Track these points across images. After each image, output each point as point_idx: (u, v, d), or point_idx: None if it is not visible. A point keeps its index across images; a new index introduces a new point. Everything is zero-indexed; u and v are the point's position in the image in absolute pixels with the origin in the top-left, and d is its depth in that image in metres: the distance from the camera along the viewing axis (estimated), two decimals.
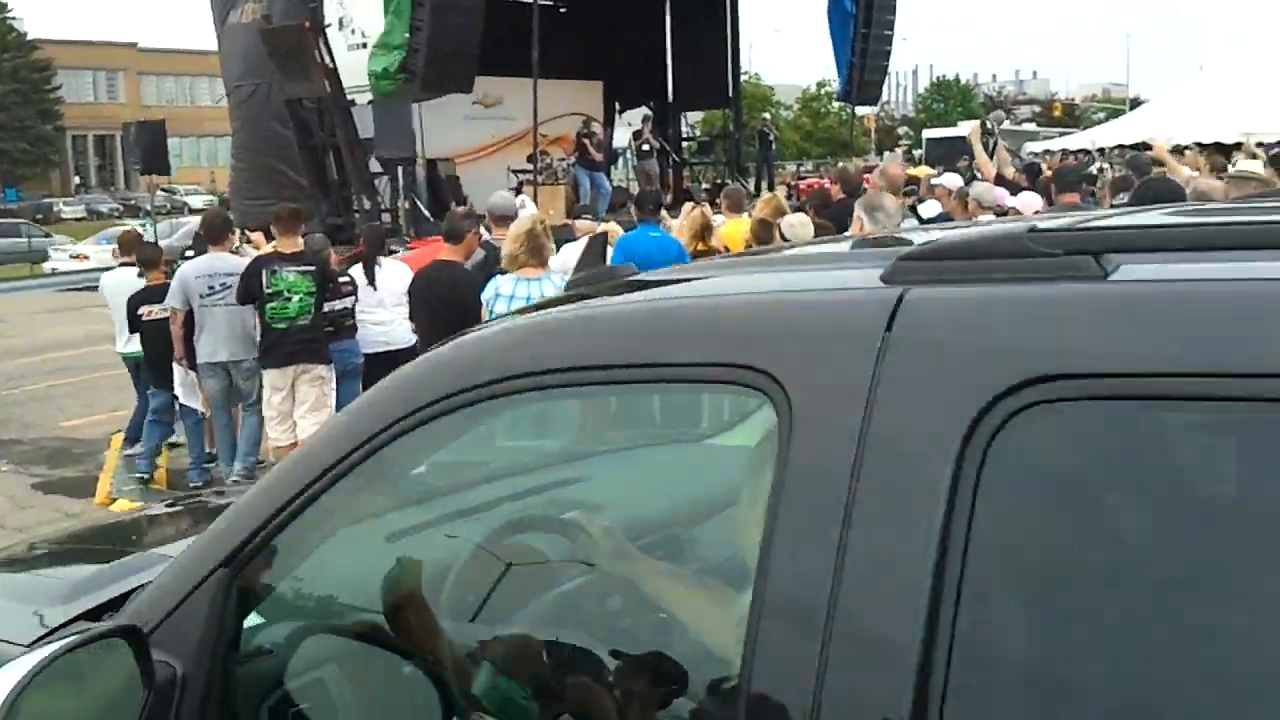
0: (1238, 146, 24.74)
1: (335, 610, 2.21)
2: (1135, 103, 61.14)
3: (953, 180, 11.63)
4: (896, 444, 1.38)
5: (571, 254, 8.98)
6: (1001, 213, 9.51)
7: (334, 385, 8.49)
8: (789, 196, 20.49)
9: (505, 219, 7.93)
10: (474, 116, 23.00)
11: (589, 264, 7.42)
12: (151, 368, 9.51)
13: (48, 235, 40.05)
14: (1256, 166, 10.18)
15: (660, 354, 1.69)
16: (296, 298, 8.17)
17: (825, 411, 1.44)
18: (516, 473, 2.86)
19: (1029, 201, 9.69)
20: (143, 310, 9.34)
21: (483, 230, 8.06)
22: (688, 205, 11.67)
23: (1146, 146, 25.57)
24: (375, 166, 18.64)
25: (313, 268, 8.40)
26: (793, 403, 1.46)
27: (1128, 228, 1.68)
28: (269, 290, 8.19)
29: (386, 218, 18.29)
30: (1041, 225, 1.59)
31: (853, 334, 1.48)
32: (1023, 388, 1.31)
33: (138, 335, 9.48)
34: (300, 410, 8.30)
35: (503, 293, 6.45)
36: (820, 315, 1.59)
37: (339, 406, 8.68)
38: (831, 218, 9.06)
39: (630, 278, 2.16)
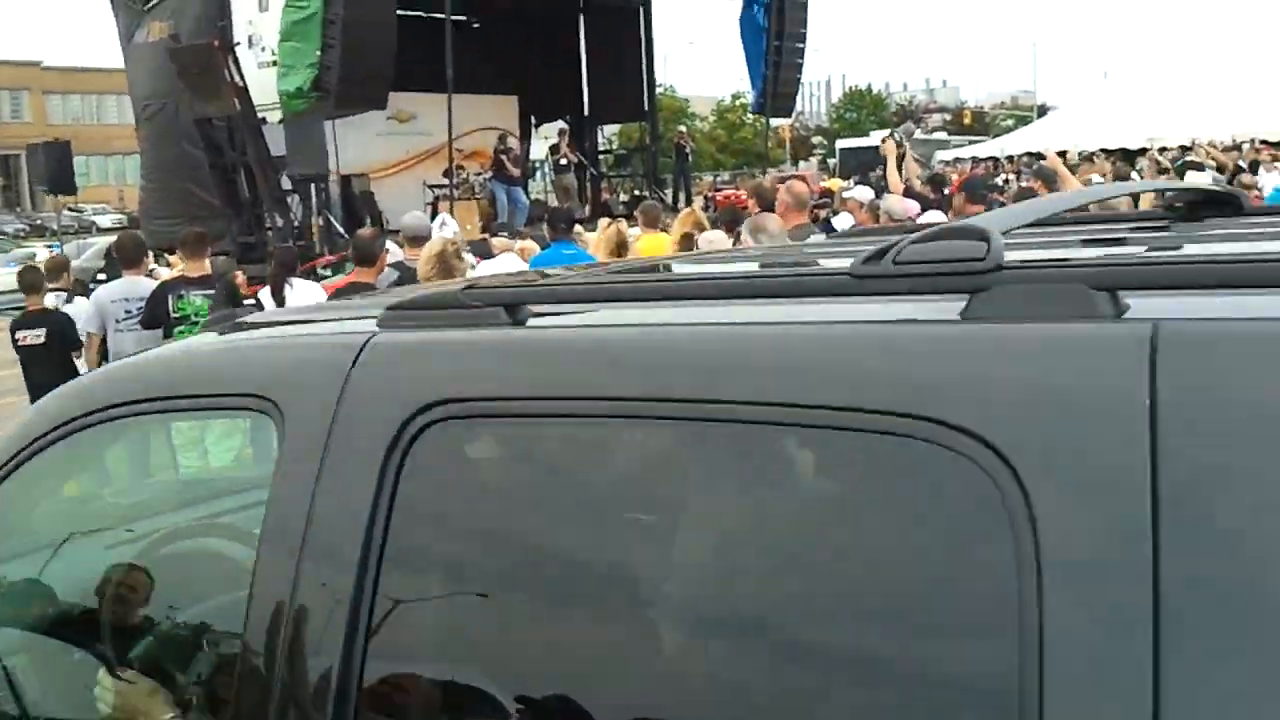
0: (1142, 152, 25.45)
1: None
2: (1043, 110, 62.46)
3: (864, 193, 11.76)
4: (346, 450, 1.80)
5: (488, 271, 8.94)
6: (913, 224, 9.67)
7: None
8: (707, 208, 20.61)
9: (418, 239, 7.87)
10: (388, 132, 22.85)
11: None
12: (34, 394, 9.28)
13: None
14: (1205, 179, 10.43)
15: (199, 387, 2.20)
16: (203, 322, 8.03)
17: (306, 428, 1.86)
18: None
19: (933, 218, 9.88)
20: (19, 335, 9.09)
21: (393, 248, 7.97)
22: (603, 221, 11.66)
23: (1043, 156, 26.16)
24: (287, 184, 18.42)
25: (220, 290, 8.27)
26: (286, 421, 1.89)
27: (549, 286, 2.21)
28: (175, 315, 8.03)
29: (303, 235, 18.12)
30: (480, 284, 2.17)
31: (329, 367, 1.89)
32: (432, 406, 1.73)
33: None
34: (212, 436, 8.15)
35: None
36: (312, 354, 2.06)
37: None
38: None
39: (233, 321, 2.62)
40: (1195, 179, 11.31)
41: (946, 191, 12.57)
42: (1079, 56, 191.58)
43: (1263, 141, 25.85)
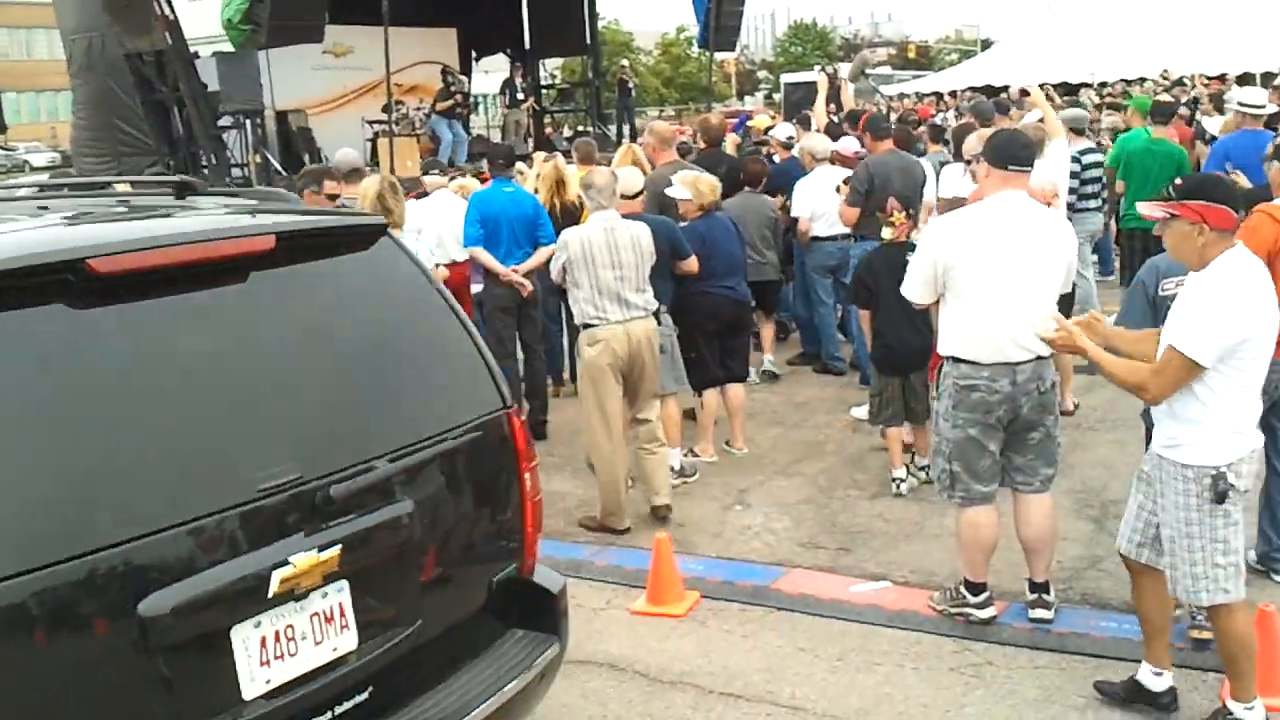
0: (1084, 86, 25.54)
1: None
2: (986, 44, 62.44)
3: (783, 131, 11.71)
4: None
5: (423, 212, 8.83)
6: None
7: None
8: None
9: (357, 173, 7.73)
10: (325, 67, 22.37)
11: None
12: None
13: None
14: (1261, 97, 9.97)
15: None
16: None
17: None
18: None
19: (848, 144, 9.91)
20: None
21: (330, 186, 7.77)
22: (539, 156, 11.51)
23: (997, 91, 26.12)
24: (223, 121, 18.04)
25: None
26: None
27: None
28: None
29: (237, 173, 17.78)
30: None
31: None
32: None
33: None
34: None
35: None
36: None
37: None
38: (697, 165, 9.01)
39: None
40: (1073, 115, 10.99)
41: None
42: None
43: (1206, 77, 26.03)
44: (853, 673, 4.84)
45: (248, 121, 18.00)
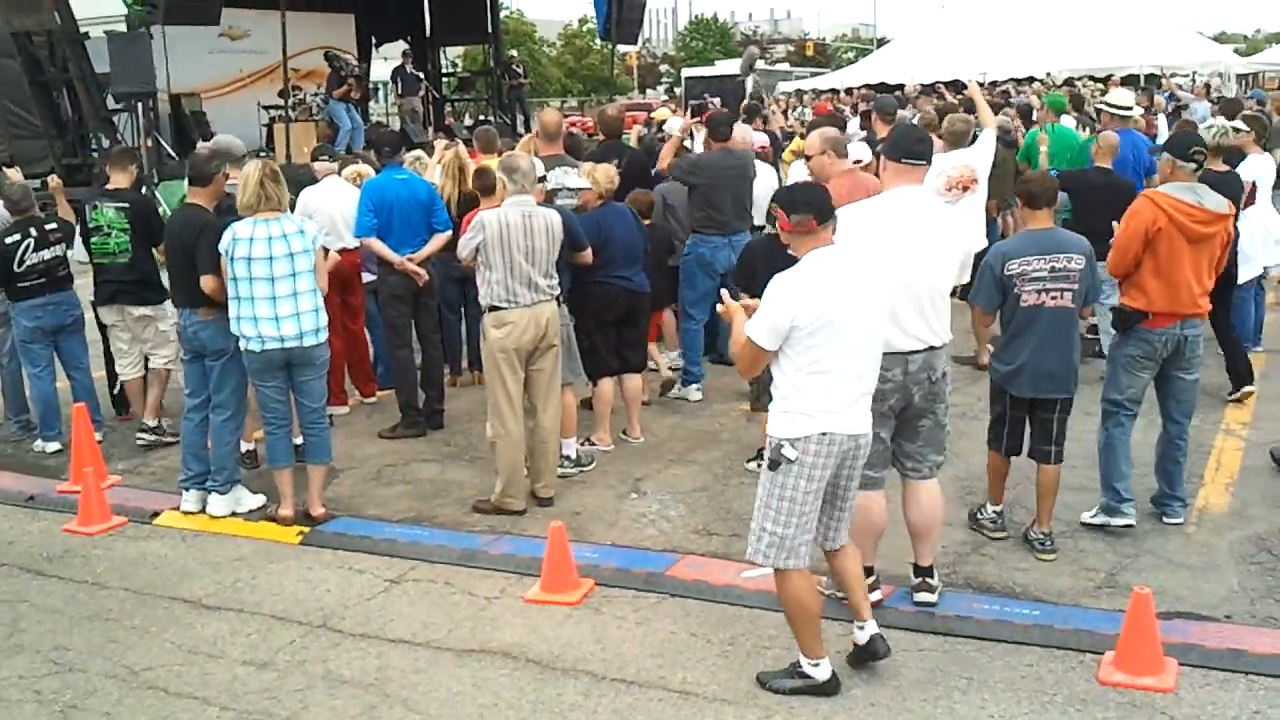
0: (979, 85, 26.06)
1: None
2: (882, 42, 63.37)
3: (674, 125, 11.89)
4: None
5: (314, 198, 8.73)
6: None
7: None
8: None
9: (237, 160, 7.62)
10: (220, 50, 21.96)
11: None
12: None
13: None
14: (1128, 99, 10.49)
15: None
16: None
17: None
18: None
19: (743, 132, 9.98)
20: None
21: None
22: (440, 144, 11.43)
23: (892, 88, 26.52)
24: (114, 103, 17.57)
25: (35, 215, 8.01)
26: None
27: None
28: (90, 225, 8.06)
29: None
30: None
31: None
32: None
33: None
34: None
35: (240, 236, 6.30)
36: None
37: (64, 363, 8.37)
38: (596, 158, 9.02)
39: None
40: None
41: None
42: None
43: (1090, 77, 26.73)
44: (743, 657, 4.91)
45: (139, 105, 17.57)
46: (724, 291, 5.02)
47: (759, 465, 7.13)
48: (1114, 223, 6.26)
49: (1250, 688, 4.49)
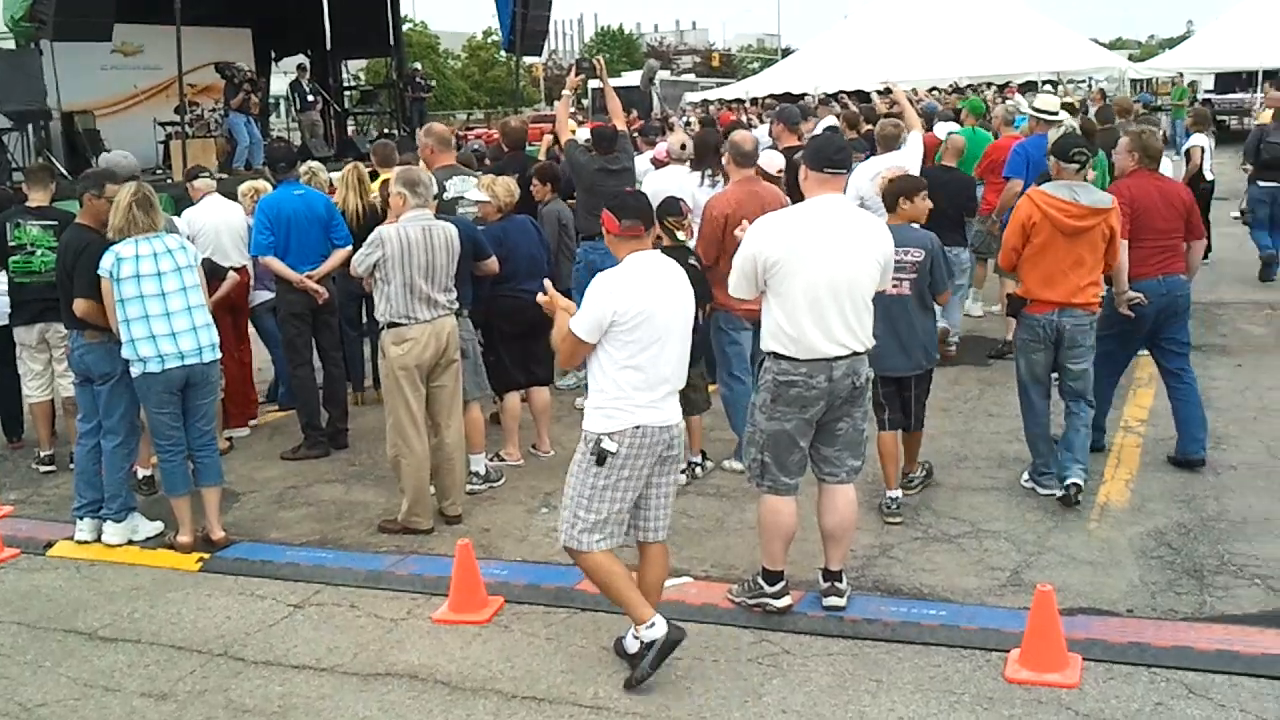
0: (877, 94, 26.48)
1: None
2: (787, 52, 64.05)
3: (581, 135, 11.92)
4: None
5: (196, 217, 8.54)
6: None
7: None
8: (458, 148, 20.20)
9: (123, 180, 7.42)
10: (114, 66, 21.43)
11: None
12: None
13: None
14: (1054, 104, 10.68)
15: None
16: None
17: None
18: None
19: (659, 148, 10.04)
20: None
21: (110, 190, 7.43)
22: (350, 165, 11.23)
23: (797, 97, 26.80)
24: (3, 121, 17.06)
25: None
26: None
27: None
28: (12, 243, 7.79)
29: (19, 177, 16.84)
30: None
31: None
32: None
33: None
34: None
35: (124, 255, 6.17)
36: None
37: None
38: (497, 172, 8.95)
39: None
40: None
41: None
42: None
43: (989, 84, 27.29)
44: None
45: (30, 123, 17.08)
46: (547, 282, 5.23)
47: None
48: (965, 214, 7.30)
49: (1152, 680, 4.56)
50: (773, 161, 8.27)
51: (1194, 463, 6.95)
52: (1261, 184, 12.71)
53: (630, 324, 4.59)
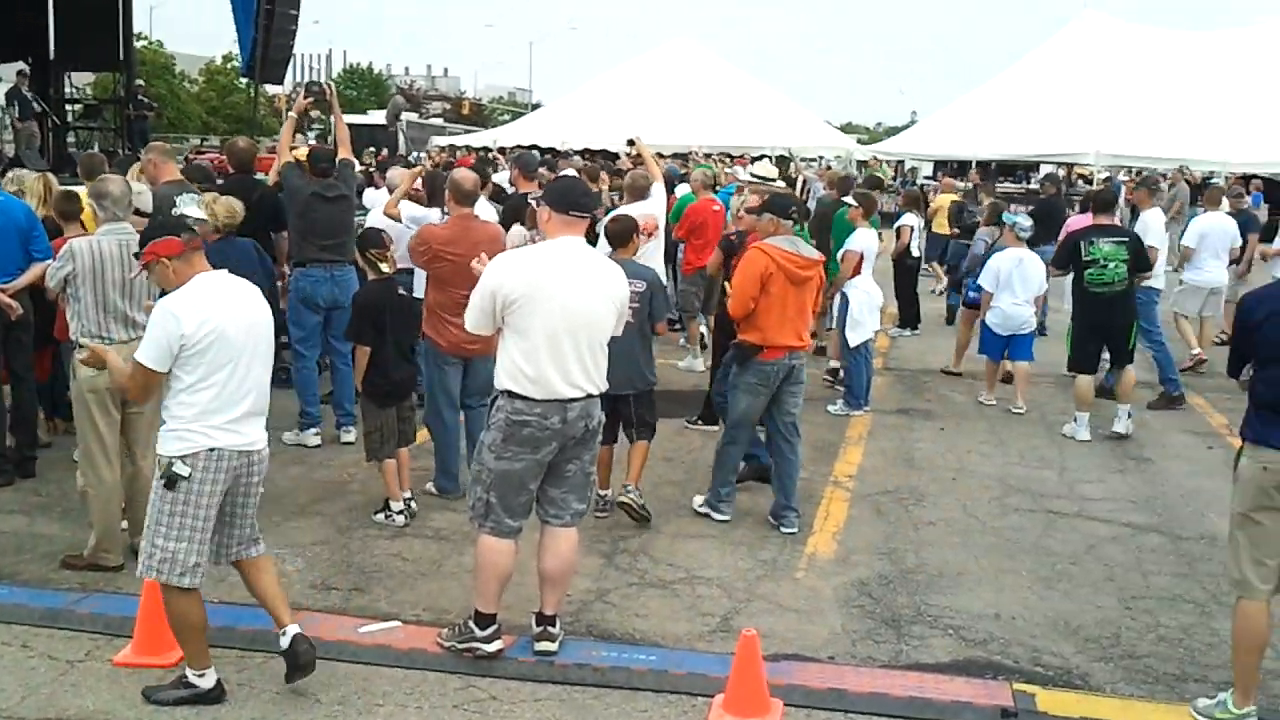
0: (628, 150, 27.02)
1: None
2: (536, 106, 64.72)
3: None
4: None
5: None
6: None
7: None
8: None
9: None
10: None
11: None
12: None
13: None
14: (772, 171, 11.12)
15: None
16: None
17: None
18: None
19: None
20: None
21: None
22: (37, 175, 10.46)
23: (554, 152, 27.04)
24: None
25: None
26: None
27: None
28: None
29: None
30: None
31: None
32: None
33: None
34: None
35: None
36: None
37: None
38: (222, 192, 8.54)
39: None
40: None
41: None
42: (572, 59, 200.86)
43: (726, 155, 28.29)
44: (354, 716, 4.65)
45: None
46: (86, 340, 5.24)
47: (385, 517, 6.95)
48: None
49: None
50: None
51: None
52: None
53: (203, 344, 4.49)
